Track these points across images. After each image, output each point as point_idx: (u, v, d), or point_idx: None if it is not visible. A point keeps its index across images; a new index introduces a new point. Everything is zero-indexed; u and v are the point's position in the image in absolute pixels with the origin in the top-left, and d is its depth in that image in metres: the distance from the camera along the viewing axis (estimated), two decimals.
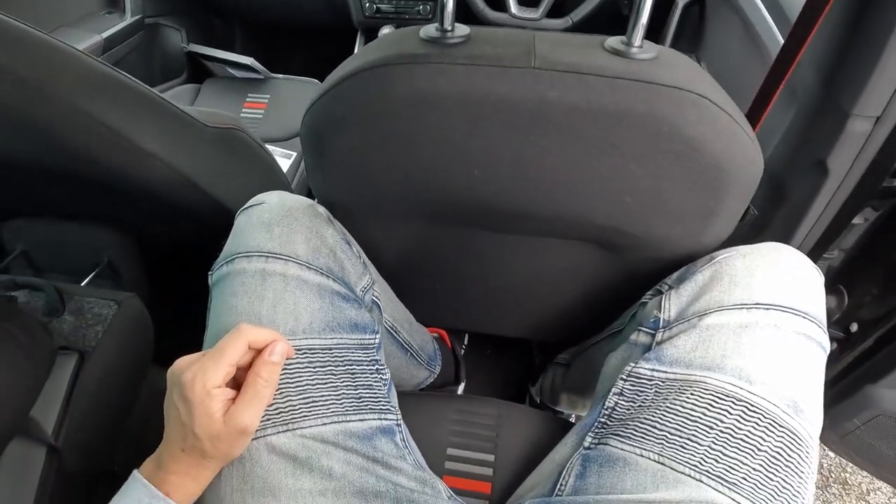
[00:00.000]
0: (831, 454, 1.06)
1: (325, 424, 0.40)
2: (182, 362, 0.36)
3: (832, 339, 0.63)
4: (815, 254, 0.58)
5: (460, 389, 0.86)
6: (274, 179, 0.67)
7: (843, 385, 0.60)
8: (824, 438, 0.67)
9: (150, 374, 0.58)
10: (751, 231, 0.47)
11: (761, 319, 0.41)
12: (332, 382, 0.41)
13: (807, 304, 0.42)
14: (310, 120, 0.44)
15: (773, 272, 0.42)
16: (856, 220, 0.56)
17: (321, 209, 0.48)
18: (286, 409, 0.39)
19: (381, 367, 0.46)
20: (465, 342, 1.02)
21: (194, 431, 0.34)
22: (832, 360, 0.62)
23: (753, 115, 0.55)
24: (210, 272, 0.46)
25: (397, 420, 0.44)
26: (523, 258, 0.55)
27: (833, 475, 1.04)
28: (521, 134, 0.38)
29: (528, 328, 0.68)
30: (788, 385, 0.39)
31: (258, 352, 0.37)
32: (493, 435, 0.55)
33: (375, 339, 0.47)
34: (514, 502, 0.46)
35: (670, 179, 0.38)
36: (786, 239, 0.53)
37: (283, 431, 0.38)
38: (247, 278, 0.43)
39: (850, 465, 1.06)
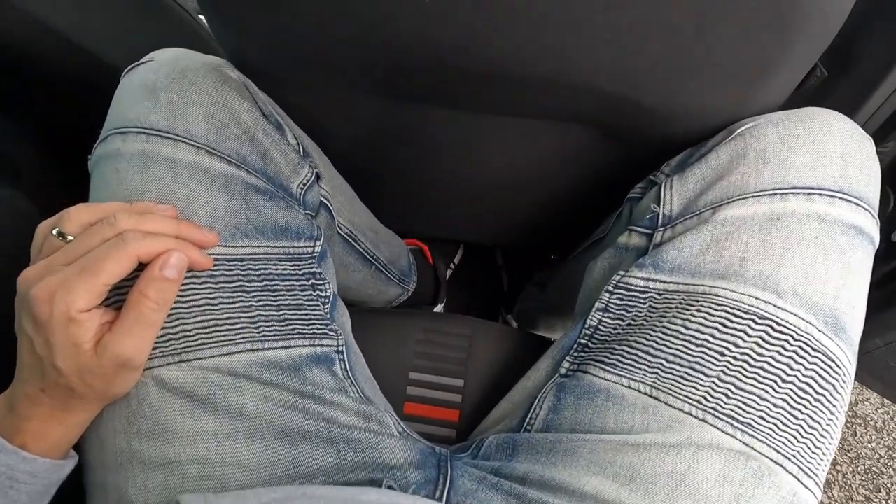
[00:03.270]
0: None
1: (232, 354, 0.31)
2: (31, 273, 0.26)
3: None
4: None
5: (437, 311, 0.79)
6: (195, 41, 0.53)
7: (871, 301, 0.52)
8: None
9: None
10: (800, 104, 0.35)
11: (800, 209, 0.31)
12: (242, 302, 0.32)
13: (862, 185, 0.31)
14: None
15: (820, 143, 0.31)
16: None
17: (234, 73, 0.36)
18: (178, 336, 0.30)
19: (320, 283, 0.37)
20: (456, 261, 0.92)
21: (56, 366, 0.26)
22: None
23: None
24: (89, 157, 0.35)
25: (337, 346, 0.36)
26: (498, 147, 0.43)
27: None
28: None
29: (500, 234, 0.58)
30: (829, 296, 0.30)
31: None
32: (462, 357, 0.47)
33: (314, 247, 0.37)
34: (479, 436, 0.39)
35: (719, 8, 0.25)
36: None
37: (176, 363, 0.30)
38: (121, 164, 0.31)
39: None
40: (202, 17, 0.61)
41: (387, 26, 0.30)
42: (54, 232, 0.27)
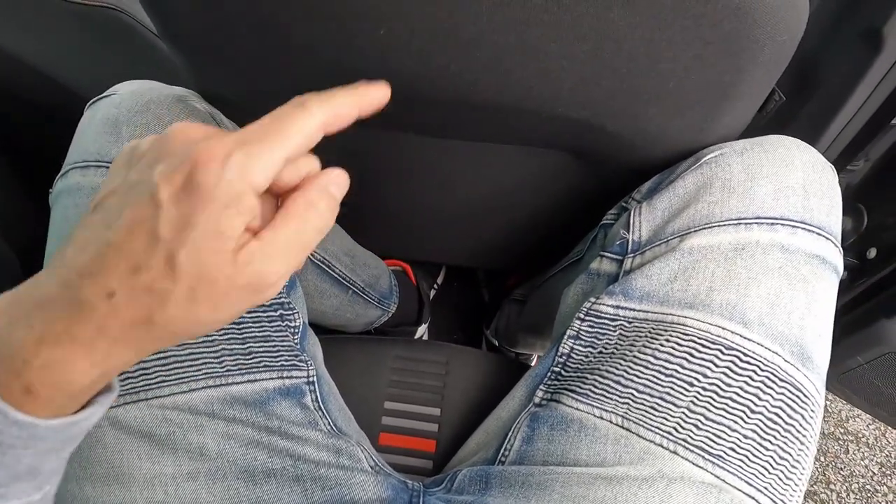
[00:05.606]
0: None
1: (193, 391, 0.30)
2: (191, 130, 0.20)
3: (844, 267, 0.54)
4: (839, 163, 0.47)
5: (420, 331, 0.78)
6: (166, 69, 0.53)
7: (850, 318, 0.52)
8: None
9: None
10: (767, 128, 0.36)
11: (764, 239, 0.31)
12: (203, 336, 0.31)
13: (824, 215, 0.32)
14: None
15: (782, 174, 0.32)
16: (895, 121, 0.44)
17: (200, 105, 0.36)
18: (135, 374, 0.29)
19: (289, 313, 0.36)
20: (440, 280, 0.91)
21: (173, 258, 0.17)
22: (841, 290, 0.53)
23: None
24: (50, 190, 0.34)
25: (308, 377, 0.35)
26: (471, 172, 0.43)
27: None
28: None
29: (479, 255, 0.58)
30: (795, 326, 0.30)
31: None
32: (439, 385, 0.47)
33: None
34: (454, 468, 0.38)
35: (670, 37, 0.26)
36: (811, 140, 0.42)
37: (133, 402, 0.29)
38: (82, 199, 0.31)
39: (830, 393, 1.03)
40: None
41: (347, 55, 0.30)
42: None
